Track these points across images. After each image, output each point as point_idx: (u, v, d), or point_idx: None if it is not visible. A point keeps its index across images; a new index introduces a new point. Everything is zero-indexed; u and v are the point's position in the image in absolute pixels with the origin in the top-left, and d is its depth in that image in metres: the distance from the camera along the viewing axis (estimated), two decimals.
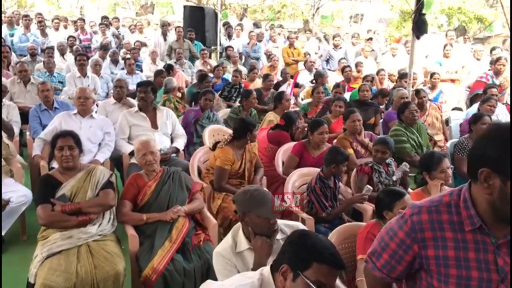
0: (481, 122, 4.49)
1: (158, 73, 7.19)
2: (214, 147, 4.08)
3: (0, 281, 3.27)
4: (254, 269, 2.27)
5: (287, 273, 1.73)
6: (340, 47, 10.85)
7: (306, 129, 5.09)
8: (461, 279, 1.49)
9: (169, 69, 7.91)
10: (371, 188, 3.57)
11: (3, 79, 5.54)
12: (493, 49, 9.60)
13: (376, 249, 1.66)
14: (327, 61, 10.76)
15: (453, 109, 7.41)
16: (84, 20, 11.72)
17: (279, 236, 2.37)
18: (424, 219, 1.52)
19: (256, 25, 14.10)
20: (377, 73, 8.31)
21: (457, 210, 1.51)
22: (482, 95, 6.21)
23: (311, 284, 1.66)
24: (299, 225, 2.48)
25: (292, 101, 7.32)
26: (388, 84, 8.27)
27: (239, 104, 6.16)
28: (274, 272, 1.81)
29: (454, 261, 1.49)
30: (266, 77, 7.32)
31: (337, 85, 6.88)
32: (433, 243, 1.51)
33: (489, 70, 7.32)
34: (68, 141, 3.15)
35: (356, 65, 9.00)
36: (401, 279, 1.66)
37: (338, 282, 2.58)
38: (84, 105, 4.50)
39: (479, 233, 1.48)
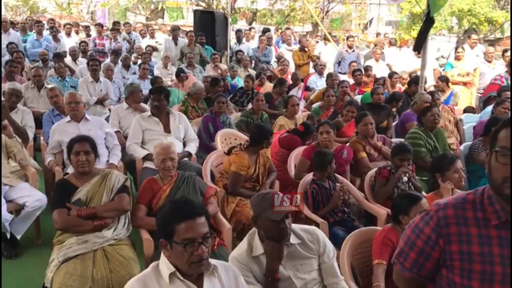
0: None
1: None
2: (229, 152, 4.09)
3: None
4: (266, 274, 2.27)
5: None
6: (353, 50, 10.83)
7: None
8: (484, 275, 1.49)
9: (179, 73, 7.96)
10: (342, 186, 3.73)
11: (17, 84, 5.58)
12: (505, 51, 9.51)
13: (403, 249, 1.66)
14: (339, 63, 10.74)
15: (465, 109, 7.34)
16: (102, 26, 11.84)
17: (294, 240, 2.36)
18: (450, 214, 1.55)
19: (266, 30, 14.05)
20: (390, 76, 8.25)
21: (482, 207, 1.53)
22: (496, 97, 6.16)
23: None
24: (315, 229, 2.47)
25: (303, 104, 7.33)
26: (399, 87, 8.23)
27: (251, 107, 6.18)
28: None
29: (479, 256, 1.50)
30: (282, 83, 7.27)
31: (341, 81, 6.94)
32: (457, 238, 1.53)
33: (506, 72, 7.25)
34: (84, 146, 3.17)
35: (366, 69, 8.95)
36: (431, 278, 1.65)
37: (354, 286, 2.57)
38: (75, 109, 4.48)
39: (503, 229, 1.49)
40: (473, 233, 1.51)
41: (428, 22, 5.47)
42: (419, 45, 5.61)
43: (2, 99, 4.97)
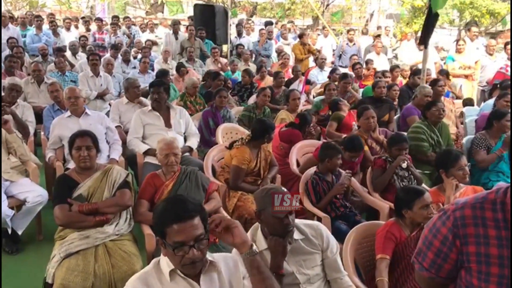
0: (505, 119, 4.42)
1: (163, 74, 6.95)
2: (230, 146, 4.08)
3: None
4: (271, 270, 2.24)
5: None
6: (354, 43, 10.78)
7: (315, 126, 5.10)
8: (503, 278, 1.43)
9: (179, 68, 7.92)
10: (349, 174, 3.71)
11: (17, 79, 5.56)
12: (507, 43, 9.46)
13: (421, 248, 1.61)
14: (339, 56, 10.70)
15: (464, 101, 7.31)
16: (102, 20, 11.79)
17: (297, 236, 2.34)
18: (467, 215, 1.48)
19: (268, 23, 13.98)
20: (392, 70, 8.23)
21: (502, 207, 1.45)
22: (498, 89, 6.14)
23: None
24: (319, 225, 2.45)
25: (304, 98, 7.31)
26: (400, 80, 8.20)
27: (253, 102, 6.15)
28: None
29: (497, 259, 1.43)
30: (276, 74, 7.31)
31: (345, 76, 6.91)
32: (474, 240, 1.46)
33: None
34: (85, 141, 3.15)
35: (367, 62, 8.92)
36: (452, 279, 1.59)
37: (357, 281, 2.56)
38: (75, 104, 4.46)
39: None
40: (492, 235, 1.44)
41: (432, 16, 5.44)
42: (426, 39, 5.58)
43: (2, 94, 4.95)
